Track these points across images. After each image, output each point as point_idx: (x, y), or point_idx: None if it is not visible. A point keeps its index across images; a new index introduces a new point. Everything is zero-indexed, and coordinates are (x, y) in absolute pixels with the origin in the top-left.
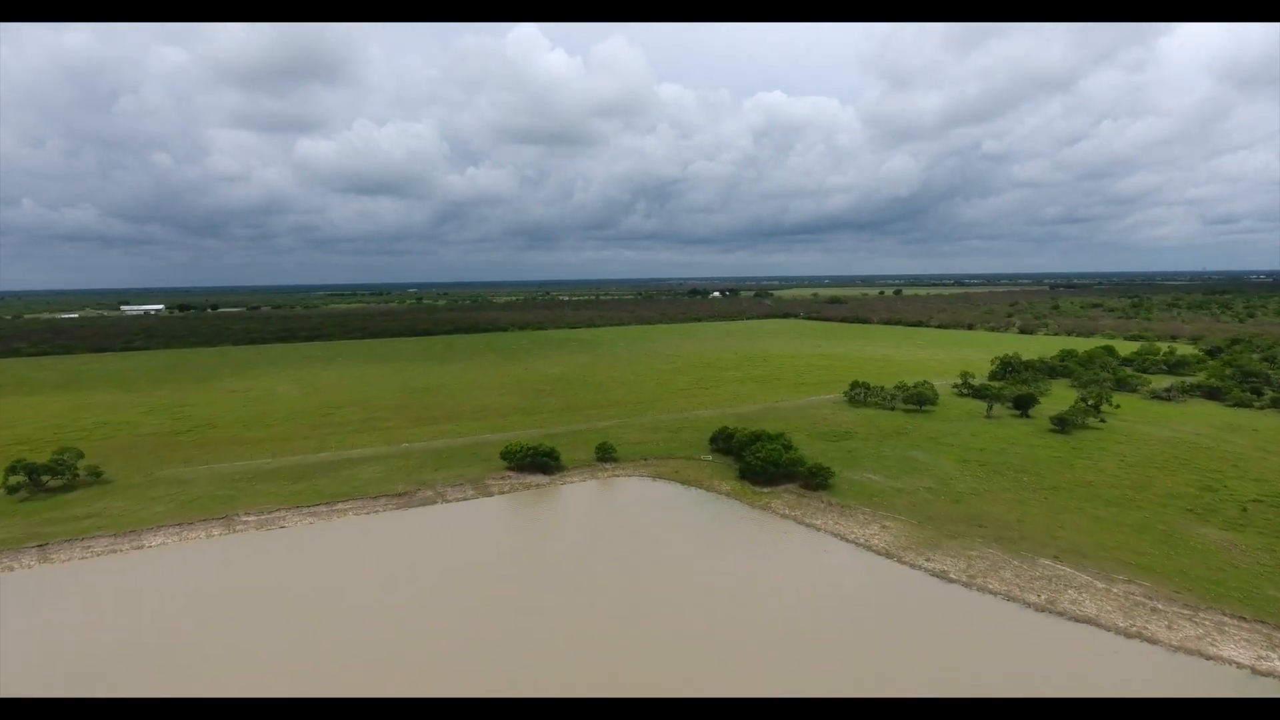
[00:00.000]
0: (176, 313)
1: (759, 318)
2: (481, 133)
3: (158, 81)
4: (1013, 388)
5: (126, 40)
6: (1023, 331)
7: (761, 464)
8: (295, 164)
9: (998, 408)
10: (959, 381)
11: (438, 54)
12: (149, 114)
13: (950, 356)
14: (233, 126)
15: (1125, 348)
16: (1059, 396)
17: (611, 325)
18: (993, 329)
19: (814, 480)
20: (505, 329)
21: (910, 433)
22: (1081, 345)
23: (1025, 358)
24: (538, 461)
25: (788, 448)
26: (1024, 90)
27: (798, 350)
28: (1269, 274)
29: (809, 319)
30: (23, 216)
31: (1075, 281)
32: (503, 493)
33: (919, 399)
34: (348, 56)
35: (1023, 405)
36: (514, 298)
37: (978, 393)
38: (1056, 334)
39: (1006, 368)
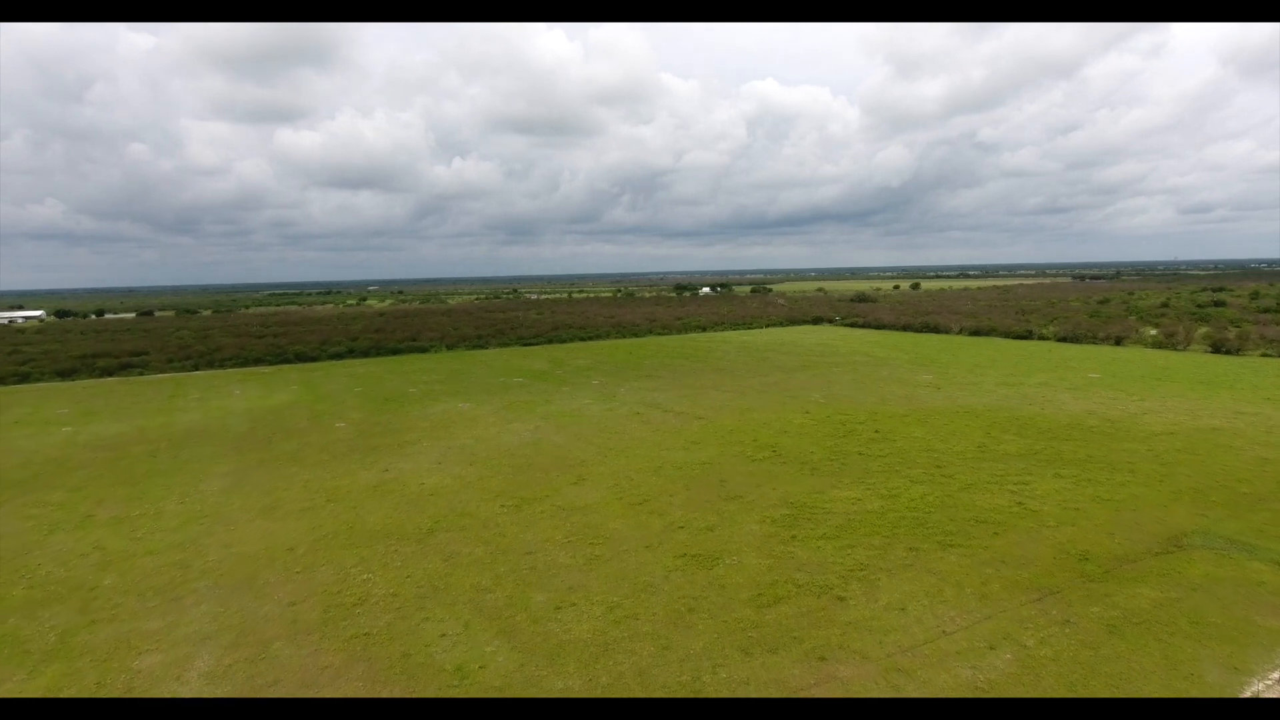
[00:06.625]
0: (51, 319)
1: (780, 324)
2: (472, 122)
3: (132, 67)
4: None
5: (99, 24)
6: (1216, 349)
7: None
8: (274, 155)
9: None
10: None
11: (433, 35)
12: (122, 103)
13: (1242, 421)
14: (212, 116)
15: None
16: None
17: (582, 339)
18: (1156, 345)
19: None
20: (427, 348)
21: None
22: None
23: None
24: None
25: None
26: (1028, 76)
27: (910, 396)
28: (1269, 262)
29: (850, 325)
30: None
31: (1077, 272)
32: None
33: None
34: (341, 38)
35: None
36: (473, 296)
37: None
38: None
39: None
